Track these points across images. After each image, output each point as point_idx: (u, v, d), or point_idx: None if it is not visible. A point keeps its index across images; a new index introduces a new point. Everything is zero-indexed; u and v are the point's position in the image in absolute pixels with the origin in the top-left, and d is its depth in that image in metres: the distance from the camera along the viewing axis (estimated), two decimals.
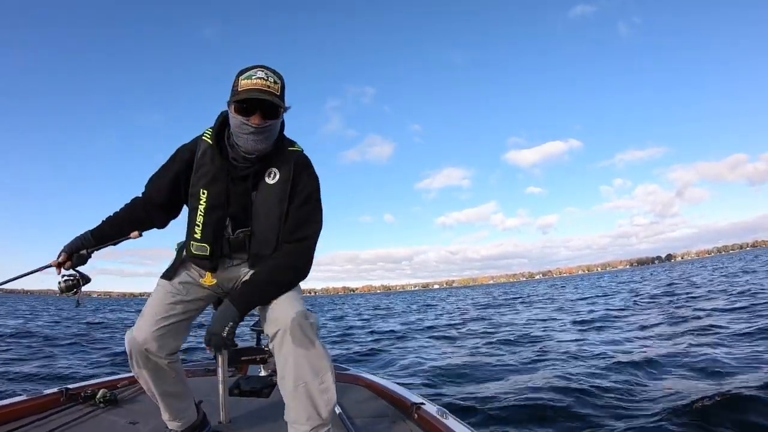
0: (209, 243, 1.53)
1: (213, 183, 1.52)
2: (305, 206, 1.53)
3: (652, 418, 2.92)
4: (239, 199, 1.52)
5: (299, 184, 1.53)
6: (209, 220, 1.52)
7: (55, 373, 5.18)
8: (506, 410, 3.38)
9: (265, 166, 1.52)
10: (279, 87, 1.44)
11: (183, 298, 1.55)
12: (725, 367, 3.97)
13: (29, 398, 2.04)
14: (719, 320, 6.63)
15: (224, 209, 1.52)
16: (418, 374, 4.97)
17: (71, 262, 1.56)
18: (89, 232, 1.60)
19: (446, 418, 1.78)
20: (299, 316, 1.38)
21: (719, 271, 26.40)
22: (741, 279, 15.59)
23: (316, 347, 1.40)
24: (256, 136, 1.43)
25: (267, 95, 1.39)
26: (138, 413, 2.02)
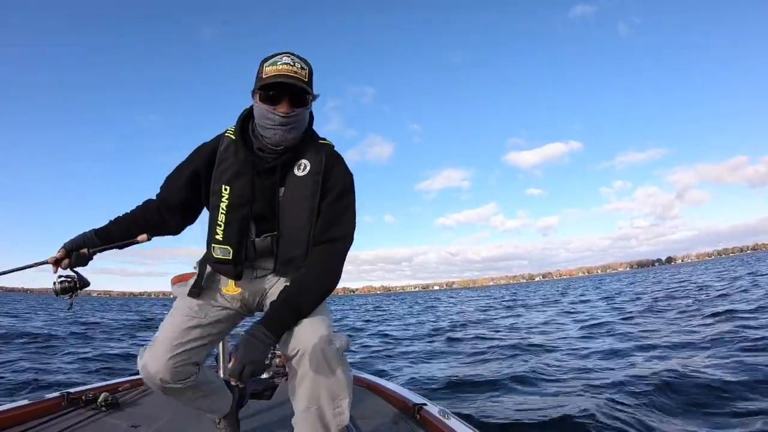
0: (232, 245, 1.38)
1: (236, 178, 1.38)
2: (338, 203, 1.39)
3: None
4: (265, 194, 1.38)
5: (332, 178, 1.39)
6: (232, 218, 1.37)
7: (49, 378, 5.16)
8: (508, 412, 3.37)
9: (294, 157, 1.39)
10: (306, 73, 1.33)
11: (201, 322, 1.41)
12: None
13: (31, 403, 2.03)
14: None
15: (249, 206, 1.38)
16: (419, 375, 4.97)
17: (70, 261, 1.38)
18: (93, 231, 1.45)
19: (448, 418, 1.78)
20: (322, 341, 1.24)
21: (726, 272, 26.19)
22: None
23: (336, 374, 1.26)
24: (284, 126, 1.32)
25: (294, 81, 1.28)
26: (140, 416, 2.02)
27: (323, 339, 1.24)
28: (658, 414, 3.14)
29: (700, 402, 3.29)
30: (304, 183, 1.38)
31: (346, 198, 1.41)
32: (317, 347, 1.23)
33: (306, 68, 1.34)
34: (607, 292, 22.68)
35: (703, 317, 7.65)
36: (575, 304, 15.88)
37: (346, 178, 1.43)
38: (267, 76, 1.29)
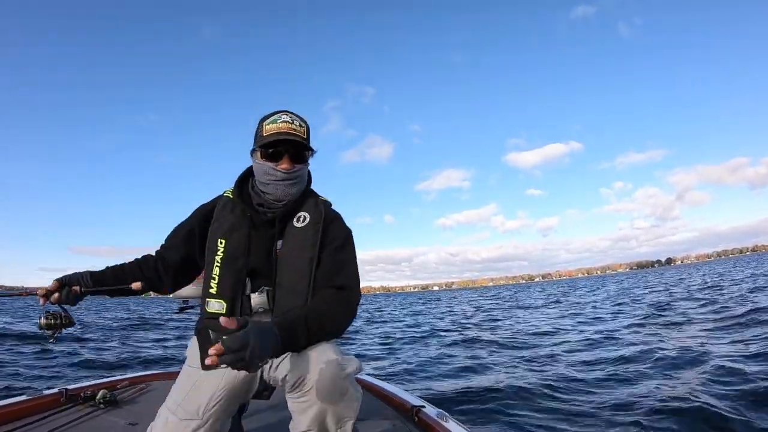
0: (226, 299, 1.33)
1: (232, 231, 1.38)
2: (340, 254, 1.37)
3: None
4: (263, 247, 1.36)
5: (332, 230, 1.39)
6: (227, 271, 1.35)
7: (46, 375, 5.16)
8: (509, 414, 3.38)
9: (294, 210, 1.40)
10: (305, 130, 1.39)
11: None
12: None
13: (29, 398, 2.03)
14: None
15: (245, 259, 1.35)
16: (418, 377, 4.97)
17: (60, 296, 1.32)
18: (89, 273, 1.43)
19: (447, 421, 1.78)
20: (332, 367, 1.15)
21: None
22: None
23: (345, 398, 1.18)
24: (286, 182, 1.36)
25: (295, 137, 1.34)
26: (138, 414, 2.02)
27: (333, 365, 1.16)
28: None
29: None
30: (305, 233, 1.36)
31: (347, 251, 1.41)
32: (326, 374, 1.14)
33: (304, 125, 1.39)
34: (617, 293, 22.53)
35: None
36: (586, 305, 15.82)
37: (346, 231, 1.44)
38: (268, 134, 1.34)
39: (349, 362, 1.20)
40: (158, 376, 2.71)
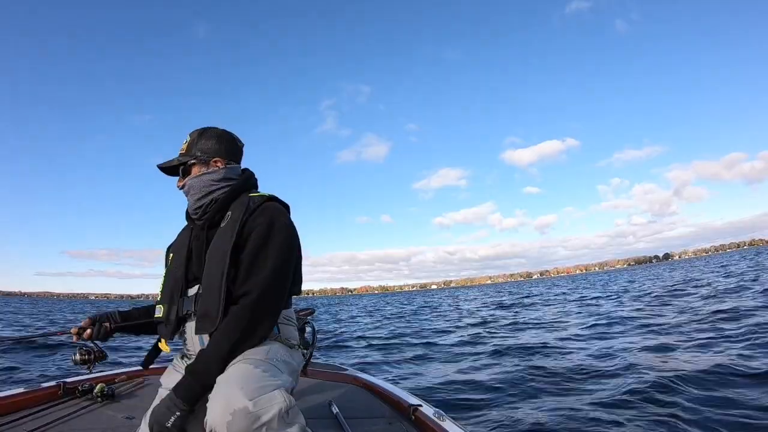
0: (164, 305, 1.43)
1: (178, 245, 1.52)
2: (262, 251, 1.32)
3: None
4: (198, 253, 1.43)
5: (251, 224, 1.34)
6: (169, 279, 1.46)
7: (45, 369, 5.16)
8: (506, 413, 3.39)
9: (220, 213, 1.44)
10: (186, 144, 1.52)
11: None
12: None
13: (27, 391, 2.04)
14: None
15: (184, 268, 1.43)
16: (417, 377, 4.97)
17: (92, 332, 1.50)
18: (117, 311, 1.60)
19: (443, 420, 1.78)
20: (241, 419, 1.01)
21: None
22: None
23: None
24: (187, 196, 1.50)
25: (168, 162, 1.53)
26: (135, 408, 2.02)
27: (241, 417, 1.01)
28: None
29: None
30: (224, 232, 1.37)
31: (269, 247, 1.32)
32: (233, 428, 1.01)
33: (187, 139, 1.54)
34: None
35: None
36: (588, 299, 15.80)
37: (270, 226, 1.34)
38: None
39: (267, 405, 1.05)
40: (156, 370, 2.71)
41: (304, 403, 2.18)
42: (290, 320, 1.48)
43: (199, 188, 1.48)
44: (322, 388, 2.46)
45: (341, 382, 2.59)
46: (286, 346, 1.36)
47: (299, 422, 1.11)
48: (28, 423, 1.77)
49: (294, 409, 1.11)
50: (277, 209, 1.42)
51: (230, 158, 1.54)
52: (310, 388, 2.45)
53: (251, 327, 1.25)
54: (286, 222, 1.40)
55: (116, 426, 1.82)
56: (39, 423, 1.76)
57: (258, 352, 1.23)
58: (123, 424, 1.85)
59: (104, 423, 1.85)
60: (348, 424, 1.85)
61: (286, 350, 1.34)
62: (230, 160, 1.54)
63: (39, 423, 1.76)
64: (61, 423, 1.79)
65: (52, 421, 1.78)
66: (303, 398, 2.25)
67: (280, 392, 1.09)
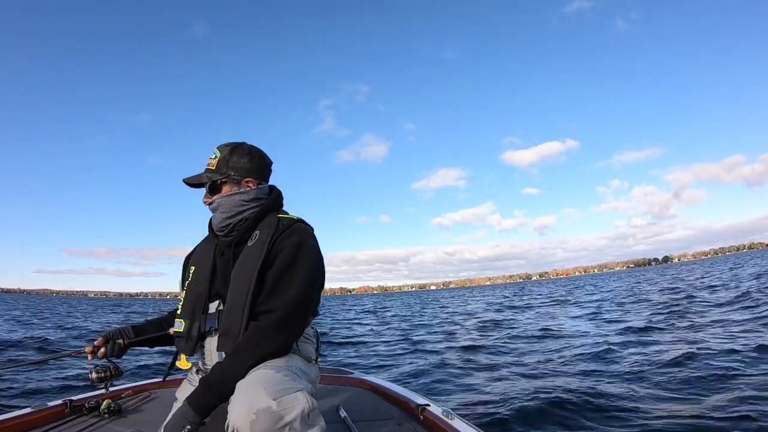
0: (186, 319, 1.43)
1: (201, 259, 1.52)
2: (285, 270, 1.33)
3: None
4: (223, 270, 1.43)
5: (280, 245, 1.36)
6: (191, 293, 1.46)
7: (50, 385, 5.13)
8: (514, 412, 3.40)
9: (248, 232, 1.45)
10: (216, 161, 1.48)
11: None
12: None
13: (34, 411, 2.03)
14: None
15: (207, 283, 1.44)
16: (421, 377, 4.98)
17: (105, 350, 1.49)
18: (130, 326, 1.59)
19: (452, 419, 1.78)
20: (265, 418, 1.03)
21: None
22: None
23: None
24: (214, 213, 1.49)
25: (193, 179, 1.49)
26: (143, 423, 2.01)
27: (266, 416, 1.04)
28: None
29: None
30: (252, 251, 1.38)
31: (298, 268, 1.34)
32: (259, 428, 1.03)
33: (217, 156, 1.48)
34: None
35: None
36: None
37: (300, 247, 1.36)
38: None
39: (291, 405, 1.07)
40: (162, 384, 2.71)
41: None
42: (308, 338, 1.51)
43: (230, 207, 1.47)
44: (329, 392, 2.45)
45: (347, 385, 2.59)
46: (304, 359, 1.40)
47: (320, 424, 1.15)
48: None
49: (315, 411, 1.14)
50: (306, 231, 1.44)
51: (261, 177, 1.53)
52: (316, 392, 2.44)
53: (272, 344, 1.27)
54: (314, 244, 1.42)
55: None
56: None
57: (278, 361, 1.27)
58: None
59: None
60: (357, 428, 1.85)
61: (304, 363, 1.39)
62: (261, 179, 1.53)
63: None
64: None
65: None
66: None
67: (303, 394, 1.12)
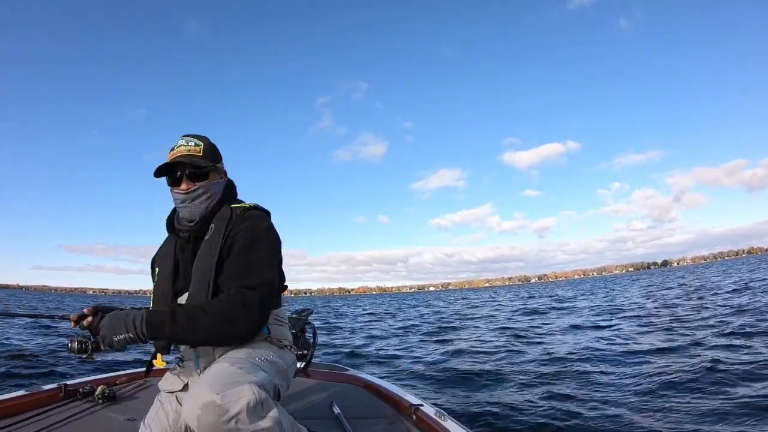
0: None
1: (164, 259, 1.53)
2: (247, 253, 1.36)
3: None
4: (185, 267, 1.47)
5: (237, 233, 1.39)
6: (158, 293, 1.48)
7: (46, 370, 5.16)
8: (506, 415, 3.41)
9: (206, 225, 1.47)
10: (201, 148, 1.48)
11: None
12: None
13: (28, 393, 2.04)
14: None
15: (171, 281, 1.47)
16: (418, 377, 4.98)
17: (92, 320, 1.38)
18: (121, 308, 1.58)
19: (445, 419, 1.79)
20: (209, 413, 1.05)
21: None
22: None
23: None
24: (189, 202, 1.46)
25: (187, 159, 1.44)
26: (136, 410, 2.03)
27: (209, 410, 1.05)
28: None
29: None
30: (209, 244, 1.42)
31: (253, 250, 1.37)
32: (204, 422, 1.05)
33: (201, 144, 1.49)
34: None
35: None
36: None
37: (254, 230, 1.40)
38: (166, 162, 1.45)
39: (235, 399, 1.07)
40: (157, 372, 2.72)
41: (305, 403, 2.20)
42: (281, 320, 1.51)
43: (215, 195, 1.51)
44: (323, 388, 2.46)
45: (342, 382, 2.60)
46: (275, 346, 1.40)
47: (272, 415, 1.13)
48: (29, 426, 1.77)
49: (268, 402, 1.14)
50: (258, 216, 1.48)
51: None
52: (311, 388, 2.46)
53: (246, 318, 1.27)
54: (268, 225, 1.47)
55: (117, 428, 1.83)
56: (40, 425, 1.76)
57: (239, 352, 1.29)
58: (124, 425, 1.85)
59: (105, 425, 1.86)
60: (349, 425, 1.86)
61: (274, 350, 1.38)
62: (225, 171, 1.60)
63: (40, 425, 1.76)
64: (62, 425, 1.79)
65: (53, 424, 1.78)
66: (304, 398, 2.27)
67: (250, 386, 1.11)
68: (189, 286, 1.41)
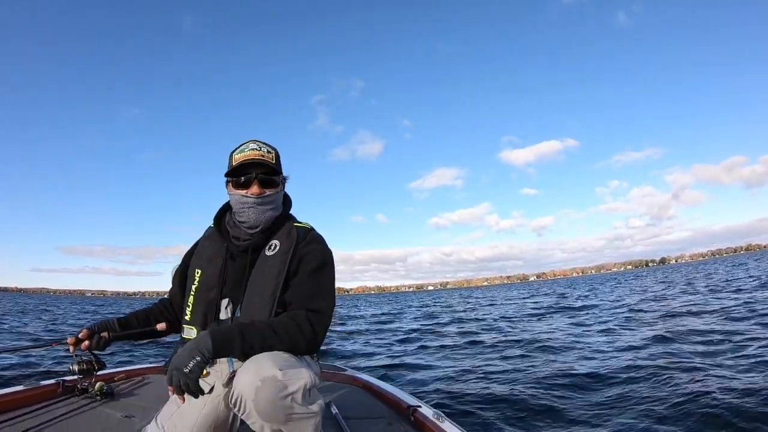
0: (198, 327, 1.39)
1: (209, 263, 1.46)
2: (318, 275, 1.37)
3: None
4: (236, 277, 1.41)
5: (306, 254, 1.38)
6: (200, 300, 1.42)
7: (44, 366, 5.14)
8: (504, 413, 3.41)
9: (267, 239, 1.43)
10: (273, 156, 1.45)
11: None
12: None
13: (26, 389, 2.04)
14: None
15: (218, 289, 1.41)
16: (418, 378, 4.97)
17: (90, 343, 1.43)
18: (115, 319, 1.53)
19: (442, 421, 1.79)
20: (270, 386, 1.07)
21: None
22: None
23: (294, 419, 1.11)
24: (257, 207, 1.40)
25: (261, 161, 1.41)
26: (134, 407, 2.02)
27: (270, 384, 1.08)
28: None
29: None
30: (273, 262, 1.38)
31: (323, 273, 1.39)
32: (263, 395, 1.07)
33: (272, 152, 1.45)
34: None
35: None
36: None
37: (323, 254, 1.41)
38: (236, 163, 1.41)
39: (295, 378, 1.12)
40: (155, 369, 2.72)
41: None
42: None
43: (276, 207, 1.46)
44: (321, 388, 2.44)
45: (340, 382, 2.60)
46: (308, 356, 1.41)
47: (319, 403, 1.18)
48: (27, 421, 1.76)
49: (315, 390, 1.19)
50: (323, 239, 1.47)
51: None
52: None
53: (315, 340, 1.28)
54: (330, 250, 1.47)
55: (115, 424, 1.82)
56: (38, 421, 1.76)
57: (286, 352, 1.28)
58: (122, 422, 1.84)
59: (103, 421, 1.85)
60: (347, 425, 1.86)
61: (307, 358, 1.39)
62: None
63: (38, 421, 1.76)
64: (59, 421, 1.78)
65: (50, 419, 1.77)
66: None
67: (308, 370, 1.18)
68: (233, 294, 1.38)
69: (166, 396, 1.86)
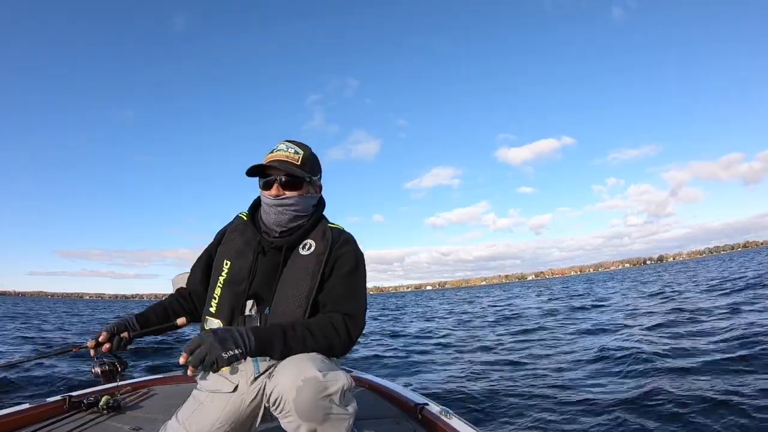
0: (223, 320, 1.38)
1: (239, 255, 1.44)
2: (352, 277, 1.38)
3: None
4: (267, 272, 1.40)
5: (341, 256, 1.39)
6: (228, 293, 1.40)
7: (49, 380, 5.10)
8: (512, 411, 3.41)
9: (301, 239, 1.42)
10: (300, 157, 1.41)
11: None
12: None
13: (32, 406, 2.02)
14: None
15: (246, 282, 1.39)
16: (425, 377, 4.96)
17: (110, 345, 1.40)
18: (134, 316, 1.50)
19: (450, 418, 1.79)
20: (311, 386, 1.10)
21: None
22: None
23: (331, 419, 1.13)
24: (276, 209, 1.39)
25: (280, 164, 1.38)
26: (141, 419, 2.01)
27: (312, 384, 1.10)
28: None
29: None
30: (307, 262, 1.38)
31: (356, 276, 1.40)
32: (304, 394, 1.09)
33: (300, 153, 1.42)
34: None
35: None
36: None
37: (356, 257, 1.42)
38: (265, 162, 1.41)
39: (334, 380, 1.14)
40: (161, 380, 2.70)
41: None
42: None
43: (303, 209, 1.44)
44: None
45: None
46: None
47: (354, 405, 1.21)
48: None
49: (350, 393, 1.20)
50: (356, 240, 1.48)
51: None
52: None
53: (350, 343, 1.30)
54: (363, 255, 1.48)
55: None
56: None
57: (319, 355, 1.27)
58: None
59: None
60: (355, 425, 1.85)
61: (337, 362, 1.39)
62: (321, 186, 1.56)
63: None
64: None
65: None
66: None
67: (344, 373, 1.19)
68: (261, 290, 1.38)
69: (173, 407, 1.84)
